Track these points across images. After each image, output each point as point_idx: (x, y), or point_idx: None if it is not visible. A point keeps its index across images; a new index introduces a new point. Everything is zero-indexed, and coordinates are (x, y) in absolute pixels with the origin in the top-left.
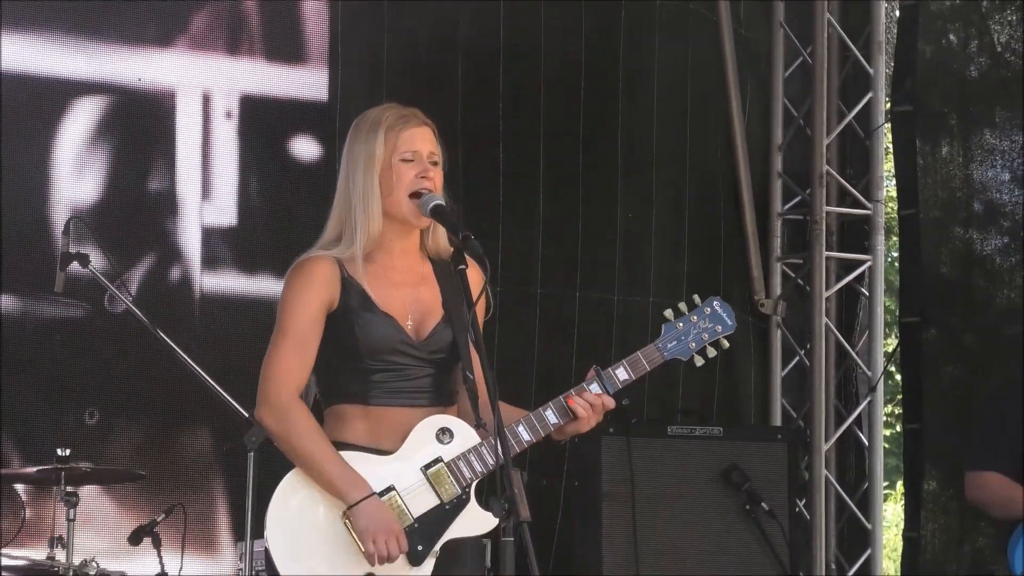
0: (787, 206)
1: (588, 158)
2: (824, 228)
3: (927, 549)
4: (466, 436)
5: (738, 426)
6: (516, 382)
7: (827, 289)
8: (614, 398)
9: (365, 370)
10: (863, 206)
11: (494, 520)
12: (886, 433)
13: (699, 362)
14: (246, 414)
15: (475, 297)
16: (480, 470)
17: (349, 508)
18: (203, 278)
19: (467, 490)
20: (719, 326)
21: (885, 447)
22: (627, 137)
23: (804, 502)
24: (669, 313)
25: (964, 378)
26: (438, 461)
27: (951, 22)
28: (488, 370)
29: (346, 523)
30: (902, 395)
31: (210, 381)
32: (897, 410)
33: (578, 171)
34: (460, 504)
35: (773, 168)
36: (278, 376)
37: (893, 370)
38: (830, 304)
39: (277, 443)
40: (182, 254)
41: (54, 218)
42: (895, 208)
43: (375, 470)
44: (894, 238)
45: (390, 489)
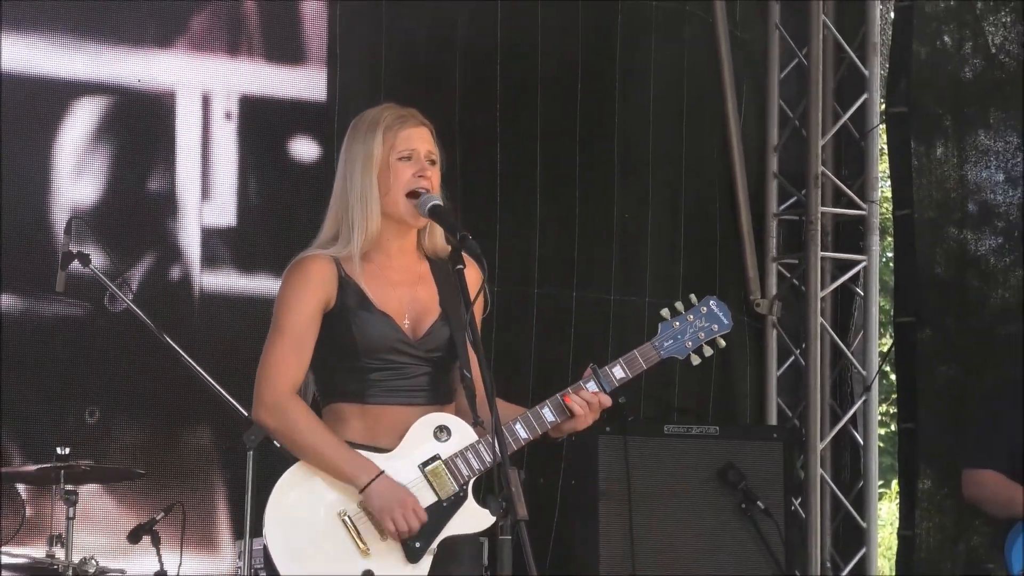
0: (783, 207)
1: (585, 158)
2: (819, 228)
3: (922, 548)
4: (464, 434)
5: (734, 425)
6: (513, 381)
7: (822, 289)
8: (611, 396)
9: (362, 369)
10: (858, 207)
11: (491, 518)
12: (881, 432)
13: (695, 361)
14: (245, 413)
15: (473, 297)
16: (478, 468)
17: (361, 491)
18: (203, 278)
19: (464, 487)
20: (715, 325)
21: (880, 446)
22: (623, 138)
23: (799, 501)
24: (666, 312)
25: (958, 378)
26: (436, 459)
27: (946, 23)
28: (486, 369)
29: (345, 520)
30: (897, 394)
31: (210, 380)
32: (892, 409)
33: (575, 171)
34: (458, 501)
35: (769, 169)
36: (274, 375)
37: (888, 370)
38: (825, 304)
39: (279, 440)
40: (182, 254)
41: (54, 218)
42: (890, 209)
43: None
44: (889, 238)
45: None
